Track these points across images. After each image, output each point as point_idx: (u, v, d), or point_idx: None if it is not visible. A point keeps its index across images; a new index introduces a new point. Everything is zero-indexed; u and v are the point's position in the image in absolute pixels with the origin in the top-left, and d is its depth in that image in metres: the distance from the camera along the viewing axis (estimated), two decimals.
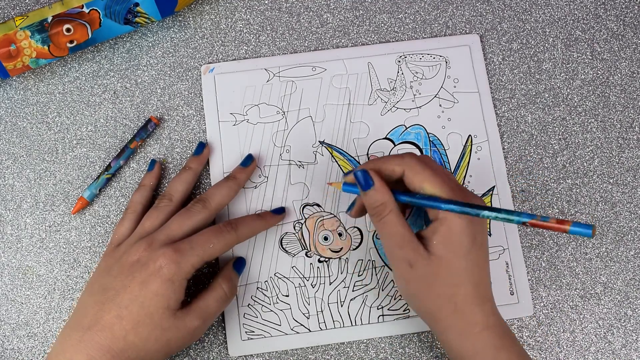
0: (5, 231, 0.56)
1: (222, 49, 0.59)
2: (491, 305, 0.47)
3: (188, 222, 0.50)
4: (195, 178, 0.55)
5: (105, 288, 0.47)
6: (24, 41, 0.53)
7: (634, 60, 0.60)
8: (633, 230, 0.57)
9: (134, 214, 0.52)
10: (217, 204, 0.52)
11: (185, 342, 0.48)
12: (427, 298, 0.46)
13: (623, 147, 0.59)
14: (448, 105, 0.58)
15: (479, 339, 0.45)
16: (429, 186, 0.45)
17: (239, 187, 0.54)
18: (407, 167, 0.46)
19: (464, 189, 0.47)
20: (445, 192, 0.45)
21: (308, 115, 0.58)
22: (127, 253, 0.48)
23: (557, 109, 0.59)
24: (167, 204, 0.52)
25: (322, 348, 0.54)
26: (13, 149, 0.57)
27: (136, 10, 0.55)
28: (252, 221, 0.52)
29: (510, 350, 0.46)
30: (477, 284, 0.46)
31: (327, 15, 0.60)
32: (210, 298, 0.49)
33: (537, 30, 0.61)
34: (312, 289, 0.55)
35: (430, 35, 0.60)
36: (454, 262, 0.45)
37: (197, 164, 0.55)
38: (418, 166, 0.46)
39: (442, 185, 0.45)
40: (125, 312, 0.45)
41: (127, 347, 0.45)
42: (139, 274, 0.46)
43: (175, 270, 0.46)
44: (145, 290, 0.46)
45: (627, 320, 0.55)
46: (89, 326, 0.45)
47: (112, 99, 0.58)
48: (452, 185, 0.46)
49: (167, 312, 0.46)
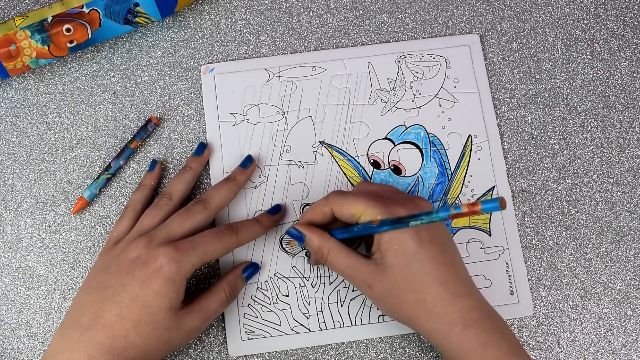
0: (5, 231, 0.56)
1: (222, 49, 0.59)
2: (471, 302, 0.45)
3: (188, 221, 0.50)
4: (195, 178, 0.55)
5: (104, 286, 0.47)
6: (24, 41, 0.53)
7: (634, 60, 0.60)
8: (633, 230, 0.57)
9: (133, 212, 0.52)
10: (217, 204, 0.52)
11: (184, 341, 0.48)
12: (399, 309, 0.47)
13: (623, 147, 0.59)
14: (448, 105, 0.58)
15: (463, 339, 0.44)
16: (355, 211, 0.47)
17: (238, 189, 0.54)
18: (332, 203, 0.48)
19: (387, 198, 0.48)
20: (370, 212, 0.46)
21: (308, 115, 0.58)
22: (126, 250, 0.48)
23: (557, 109, 0.59)
24: (167, 203, 0.52)
25: (322, 348, 0.54)
26: (13, 149, 0.57)
27: (136, 10, 0.55)
28: (252, 226, 0.52)
29: (499, 345, 0.44)
30: (442, 282, 0.45)
31: (327, 15, 0.60)
32: (211, 299, 0.49)
33: (537, 30, 0.61)
34: (312, 289, 0.55)
35: (430, 35, 0.60)
36: (406, 267, 0.45)
37: (197, 164, 0.55)
38: (339, 199, 0.48)
39: (367, 205, 0.46)
40: (126, 310, 0.45)
41: (127, 347, 0.45)
42: (139, 272, 0.46)
43: (176, 269, 0.46)
44: (146, 290, 0.46)
45: (627, 320, 0.55)
46: (89, 325, 0.45)
47: (112, 99, 0.58)
48: (374, 202, 0.46)
49: (169, 312, 0.46)
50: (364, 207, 0.46)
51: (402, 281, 0.45)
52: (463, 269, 0.47)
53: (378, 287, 0.46)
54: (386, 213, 0.46)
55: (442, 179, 0.57)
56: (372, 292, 0.47)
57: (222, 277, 0.52)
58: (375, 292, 0.47)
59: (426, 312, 0.45)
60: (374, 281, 0.46)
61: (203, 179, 0.57)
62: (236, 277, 0.52)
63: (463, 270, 0.47)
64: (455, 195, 0.57)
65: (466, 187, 0.57)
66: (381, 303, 0.48)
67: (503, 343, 0.45)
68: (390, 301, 0.47)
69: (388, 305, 0.47)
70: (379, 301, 0.48)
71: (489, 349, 0.44)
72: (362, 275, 0.47)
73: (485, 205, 0.39)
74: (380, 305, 0.48)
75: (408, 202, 0.47)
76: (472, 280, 0.47)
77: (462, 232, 0.56)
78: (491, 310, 0.46)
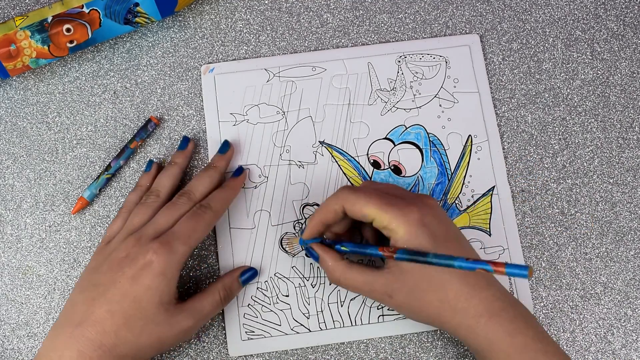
0: (5, 231, 0.56)
1: (222, 49, 0.59)
2: (492, 292, 0.46)
3: (175, 214, 0.50)
4: (181, 173, 0.55)
5: (95, 284, 0.47)
6: (24, 41, 0.53)
7: (634, 60, 0.60)
8: (633, 230, 0.57)
9: (127, 213, 0.52)
10: (200, 194, 0.52)
11: (176, 340, 0.48)
12: (423, 311, 0.47)
13: (623, 147, 0.59)
14: (448, 105, 0.58)
15: (489, 329, 0.45)
16: (369, 212, 0.46)
17: (220, 175, 0.54)
18: (343, 201, 0.48)
19: (397, 197, 0.47)
20: (384, 217, 0.46)
21: (308, 115, 0.58)
22: (117, 250, 0.48)
23: (557, 109, 0.59)
24: (155, 200, 0.52)
25: (322, 348, 0.54)
26: (13, 149, 0.57)
27: (136, 10, 0.55)
28: (221, 194, 0.52)
29: (525, 332, 0.45)
30: (461, 276, 0.45)
31: (327, 15, 0.60)
32: (205, 300, 0.49)
33: (537, 30, 0.61)
34: (312, 289, 0.55)
35: (430, 35, 0.60)
36: (423, 268, 0.45)
37: (182, 158, 0.55)
38: (351, 196, 0.47)
39: (380, 209, 0.46)
40: (117, 307, 0.45)
41: (118, 343, 0.45)
42: (129, 268, 0.46)
43: (166, 263, 0.46)
44: (136, 285, 0.46)
45: (627, 320, 0.55)
46: (80, 322, 0.45)
47: (112, 99, 0.58)
48: (387, 206, 0.46)
49: (160, 307, 0.46)
50: (377, 211, 0.46)
51: (421, 283, 0.46)
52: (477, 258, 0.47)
53: (398, 294, 0.47)
54: (400, 216, 0.45)
55: (442, 179, 0.57)
56: (394, 300, 0.47)
57: (219, 279, 0.52)
58: (396, 300, 0.47)
59: (450, 308, 0.45)
60: (393, 290, 0.47)
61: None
62: (232, 280, 0.52)
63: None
64: (455, 195, 0.57)
65: (466, 187, 0.57)
66: (404, 309, 0.48)
67: (529, 330, 0.45)
68: (414, 305, 0.47)
69: (411, 310, 0.47)
70: (401, 308, 0.48)
71: (515, 336, 0.45)
72: (380, 287, 0.47)
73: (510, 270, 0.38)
74: (404, 311, 0.48)
75: (418, 202, 0.47)
76: None
77: (462, 232, 0.56)
78: (512, 298, 0.47)
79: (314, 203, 0.56)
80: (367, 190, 0.48)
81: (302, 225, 0.56)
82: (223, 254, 0.55)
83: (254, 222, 0.55)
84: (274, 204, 0.56)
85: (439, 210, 0.48)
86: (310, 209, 0.56)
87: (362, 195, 0.47)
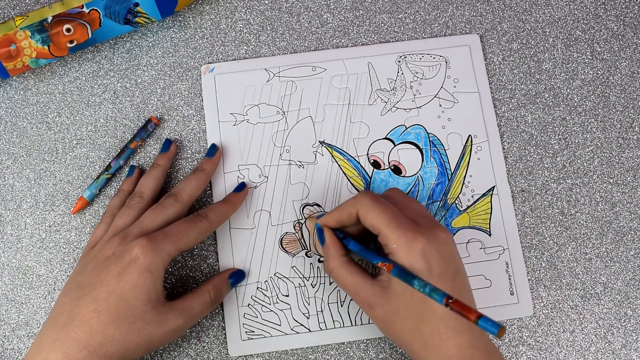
0: (5, 231, 0.56)
1: (222, 49, 0.59)
2: (469, 338, 0.44)
3: (161, 215, 0.50)
4: (164, 175, 0.55)
5: (81, 285, 0.47)
6: (24, 41, 0.53)
7: (634, 60, 0.60)
8: (633, 230, 0.57)
9: (111, 217, 0.52)
10: (188, 196, 0.52)
11: (165, 340, 0.47)
12: (397, 333, 0.46)
13: (623, 147, 0.59)
14: (448, 105, 0.58)
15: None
16: (376, 225, 0.46)
17: (208, 178, 0.54)
18: (359, 206, 0.48)
19: (410, 221, 0.46)
20: (388, 236, 0.45)
21: (308, 115, 0.58)
22: (102, 250, 0.48)
23: (557, 109, 0.59)
24: (139, 202, 0.52)
25: (322, 348, 0.54)
26: (13, 149, 0.57)
27: (136, 10, 0.55)
28: (220, 207, 0.52)
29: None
30: (442, 317, 0.44)
31: (327, 15, 0.60)
32: (196, 300, 0.49)
33: (537, 30, 0.61)
34: (312, 288, 0.55)
35: (430, 35, 0.60)
36: (409, 297, 0.45)
37: (165, 160, 0.55)
38: (367, 204, 0.47)
39: (387, 227, 0.46)
40: (104, 305, 0.45)
41: (106, 342, 0.44)
42: (115, 266, 0.46)
43: (151, 258, 0.46)
44: (122, 282, 0.45)
45: (627, 320, 0.55)
46: (65, 323, 0.45)
47: (112, 99, 0.58)
48: (395, 226, 0.45)
49: (148, 305, 0.46)
50: (384, 227, 0.46)
51: (403, 309, 0.45)
52: (469, 303, 0.46)
53: (379, 309, 0.46)
54: (404, 242, 0.45)
55: (442, 179, 0.57)
56: (373, 312, 0.47)
57: (209, 280, 0.52)
58: (375, 313, 0.47)
59: (422, 342, 0.45)
60: (376, 303, 0.46)
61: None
62: (222, 282, 0.52)
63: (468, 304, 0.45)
64: (455, 196, 0.57)
65: (466, 187, 0.57)
66: (380, 324, 0.48)
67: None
68: (389, 324, 0.47)
69: (386, 327, 0.47)
70: (378, 322, 0.48)
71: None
72: (365, 295, 0.47)
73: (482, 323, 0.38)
74: (380, 326, 0.48)
75: (429, 232, 0.46)
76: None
77: (462, 232, 0.56)
78: (490, 348, 0.45)
79: (314, 203, 0.56)
80: (385, 204, 0.47)
81: (302, 226, 0.56)
82: (223, 254, 0.55)
83: (254, 222, 0.55)
84: (274, 204, 0.56)
85: (447, 247, 0.46)
86: (310, 209, 0.56)
87: (377, 206, 0.47)
